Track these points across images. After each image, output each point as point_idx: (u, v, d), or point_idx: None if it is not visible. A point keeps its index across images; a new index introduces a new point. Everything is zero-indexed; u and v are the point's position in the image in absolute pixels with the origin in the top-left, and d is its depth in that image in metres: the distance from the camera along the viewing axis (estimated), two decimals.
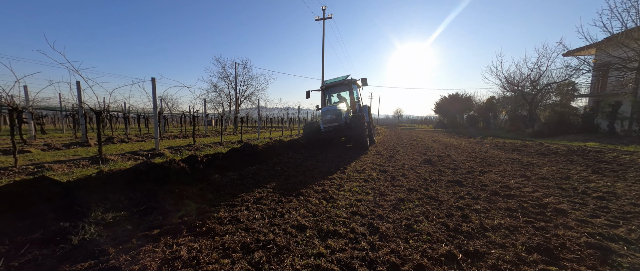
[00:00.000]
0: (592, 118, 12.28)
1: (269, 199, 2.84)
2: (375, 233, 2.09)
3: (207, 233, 1.92)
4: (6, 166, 4.27)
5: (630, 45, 8.56)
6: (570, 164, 5.53)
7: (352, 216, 2.44)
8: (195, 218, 2.19)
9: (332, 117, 7.81)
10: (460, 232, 2.15)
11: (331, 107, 7.99)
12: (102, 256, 1.62)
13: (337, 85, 9.18)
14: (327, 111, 7.97)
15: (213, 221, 2.14)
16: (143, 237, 1.83)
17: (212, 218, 2.22)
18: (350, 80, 8.84)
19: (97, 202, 2.37)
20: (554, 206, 2.82)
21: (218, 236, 1.88)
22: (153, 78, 6.41)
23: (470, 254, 1.79)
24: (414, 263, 1.64)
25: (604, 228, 2.25)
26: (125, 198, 2.60)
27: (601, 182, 3.92)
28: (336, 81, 9.11)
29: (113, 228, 2.06)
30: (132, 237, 1.88)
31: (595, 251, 1.84)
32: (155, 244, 1.74)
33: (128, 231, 2.00)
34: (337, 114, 7.81)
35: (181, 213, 2.33)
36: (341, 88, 9.57)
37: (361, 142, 7.43)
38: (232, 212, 2.37)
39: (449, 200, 3.01)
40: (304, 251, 1.73)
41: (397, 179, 4.07)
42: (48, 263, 1.59)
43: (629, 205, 2.85)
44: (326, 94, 9.89)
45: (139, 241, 1.80)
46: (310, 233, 2.03)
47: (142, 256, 1.63)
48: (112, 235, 1.94)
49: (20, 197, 2.08)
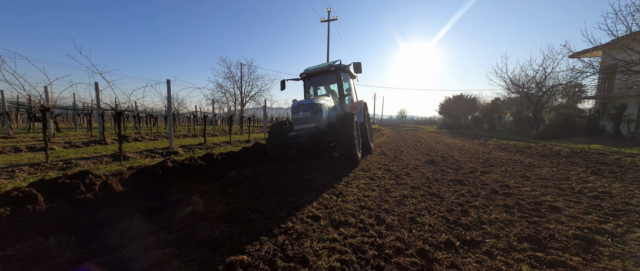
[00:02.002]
0: (597, 120, 12.29)
1: (284, 193, 3.10)
2: (382, 223, 2.33)
3: (235, 220, 2.19)
4: (38, 162, 4.62)
5: (635, 48, 8.62)
6: (571, 165, 5.67)
7: (361, 209, 2.69)
8: (222, 208, 2.46)
9: (306, 116, 5.43)
10: (459, 224, 2.37)
11: (306, 101, 5.63)
12: (151, 239, 1.90)
13: (322, 72, 6.84)
14: (299, 106, 5.54)
15: (238, 211, 2.41)
16: (182, 223, 2.11)
17: (236, 208, 2.49)
18: (339, 65, 6.43)
19: (131, 194, 2.66)
20: (549, 204, 3.02)
21: (244, 223, 2.15)
22: (168, 81, 6.74)
23: (467, 242, 2.02)
24: (417, 248, 1.88)
25: (593, 223, 2.45)
26: (154, 191, 2.89)
27: (598, 183, 4.09)
28: (320, 67, 6.80)
29: (152, 216, 2.34)
30: (172, 223, 2.15)
31: (580, 242, 2.05)
32: (194, 228, 2.02)
33: (166, 218, 2.28)
34: (313, 111, 5.41)
35: (209, 204, 2.61)
36: (328, 77, 7.13)
37: (347, 152, 5.01)
38: (254, 204, 2.64)
39: (450, 197, 3.23)
40: (320, 237, 1.98)
41: (401, 178, 4.30)
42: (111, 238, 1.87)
43: (621, 204, 3.03)
44: (309, 86, 7.43)
45: (180, 226, 2.08)
46: (324, 222, 2.28)
47: (186, 237, 1.90)
48: (152, 223, 2.22)
49: (71, 187, 2.38)
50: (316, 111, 5.47)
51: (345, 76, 7.14)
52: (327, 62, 6.94)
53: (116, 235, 1.91)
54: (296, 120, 5.60)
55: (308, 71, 6.91)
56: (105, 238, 1.87)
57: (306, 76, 7.00)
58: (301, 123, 5.54)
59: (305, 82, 7.28)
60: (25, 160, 4.94)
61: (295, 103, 5.76)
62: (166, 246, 1.73)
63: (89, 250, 1.71)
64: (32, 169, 4.10)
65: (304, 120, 5.49)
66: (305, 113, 5.47)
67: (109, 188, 2.56)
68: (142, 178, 3.07)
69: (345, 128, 4.99)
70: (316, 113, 5.46)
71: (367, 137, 7.23)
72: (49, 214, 2.10)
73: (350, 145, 4.95)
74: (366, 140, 7.08)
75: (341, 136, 4.96)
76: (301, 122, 5.54)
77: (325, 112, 5.85)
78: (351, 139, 4.95)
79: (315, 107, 5.47)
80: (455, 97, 34.45)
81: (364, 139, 6.93)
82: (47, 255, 1.62)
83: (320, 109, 5.62)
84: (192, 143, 9.16)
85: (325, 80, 7.33)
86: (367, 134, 7.15)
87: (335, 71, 6.52)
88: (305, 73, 6.93)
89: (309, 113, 5.45)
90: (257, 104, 35.40)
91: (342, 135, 4.95)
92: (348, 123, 5.07)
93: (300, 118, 5.52)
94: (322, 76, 7.08)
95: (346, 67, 6.74)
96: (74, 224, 2.06)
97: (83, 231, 1.96)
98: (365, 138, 7.00)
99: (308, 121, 5.46)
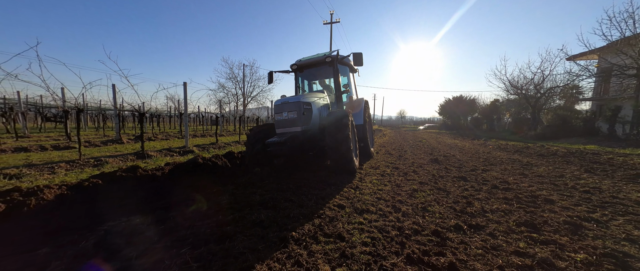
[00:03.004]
0: (593, 121, 12.69)
1: (307, 187, 3.46)
2: (398, 211, 2.68)
3: (274, 207, 2.55)
4: (70, 159, 4.95)
5: (628, 53, 9.01)
6: (566, 164, 6.04)
7: (378, 200, 3.04)
8: (259, 198, 2.82)
9: (291, 117, 4.45)
10: (465, 213, 2.72)
11: (291, 98, 4.62)
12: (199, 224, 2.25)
13: (316, 64, 5.84)
14: (282, 105, 4.55)
15: (273, 201, 2.76)
16: (230, 208, 2.47)
17: (271, 198, 2.85)
18: (336, 56, 5.48)
19: (175, 186, 3.01)
20: (544, 197, 3.37)
21: (282, 210, 2.50)
22: (185, 83, 7.09)
23: (472, 226, 2.38)
24: (431, 229, 2.23)
25: (582, 213, 2.80)
26: (191, 184, 3.23)
27: (590, 180, 4.45)
28: (315, 58, 5.81)
29: (201, 204, 2.69)
30: (222, 209, 2.50)
31: (569, 226, 2.41)
32: (242, 213, 2.37)
33: (215, 205, 2.63)
34: (300, 111, 4.41)
35: (245, 195, 2.96)
36: (324, 70, 6.12)
37: (340, 159, 4.14)
38: (284, 195, 2.99)
39: (455, 191, 3.59)
40: (349, 220, 2.34)
41: (409, 175, 4.65)
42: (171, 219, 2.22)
43: (609, 198, 3.39)
44: (303, 81, 6.50)
45: (230, 211, 2.43)
46: (348, 210, 2.63)
47: (239, 218, 2.25)
48: (206, 208, 2.56)
49: (126, 179, 2.72)
50: (304, 111, 4.44)
51: (344, 70, 6.30)
52: (323, 53, 5.84)
53: (182, 217, 2.26)
54: (279, 122, 4.54)
55: (300, 62, 5.90)
56: (175, 219, 2.22)
57: (298, 68, 5.95)
58: (285, 126, 4.47)
59: (297, 75, 6.24)
60: (56, 157, 5.27)
61: (279, 100, 4.69)
62: (227, 225, 2.09)
63: (169, 226, 2.07)
64: (68, 166, 4.43)
65: (289, 123, 4.44)
66: (290, 114, 4.41)
67: (157, 180, 2.91)
68: (179, 173, 3.41)
69: (339, 129, 4.10)
70: (304, 114, 4.43)
71: (367, 141, 6.19)
72: (121, 199, 2.46)
73: (344, 150, 4.02)
74: (366, 145, 6.12)
75: (333, 140, 4.04)
76: (285, 125, 4.47)
77: (316, 111, 4.85)
78: (345, 143, 4.03)
79: (302, 106, 4.43)
80: (455, 98, 34.88)
81: (363, 143, 5.97)
82: (147, 227, 1.99)
83: (310, 109, 4.64)
84: (204, 142, 9.50)
85: (321, 73, 6.31)
86: (367, 138, 6.14)
87: (331, 62, 5.50)
88: (297, 65, 5.88)
89: (295, 114, 4.40)
90: (260, 104, 35.78)
91: (335, 139, 4.03)
92: (342, 123, 4.16)
93: (284, 120, 4.47)
94: (317, 69, 6.06)
95: (345, 58, 5.85)
96: (144, 207, 2.42)
97: (154, 212, 2.33)
98: (364, 143, 6.01)
99: (293, 123, 4.42)
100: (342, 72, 6.24)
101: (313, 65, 5.93)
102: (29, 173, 3.87)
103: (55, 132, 13.38)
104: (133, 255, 1.68)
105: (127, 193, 2.55)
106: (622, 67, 9.04)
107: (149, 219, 2.22)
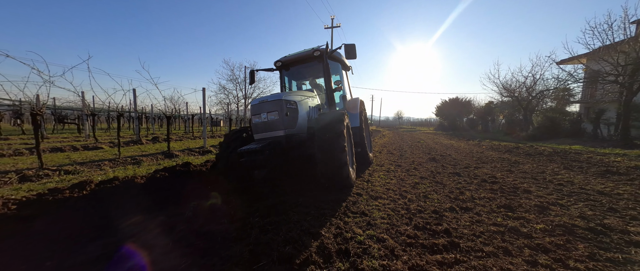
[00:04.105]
0: (579, 123, 13.54)
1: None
2: (405, 198, 3.34)
3: (309, 193, 3.20)
4: (109, 158, 5.54)
5: (608, 60, 9.83)
6: (549, 162, 6.76)
7: (387, 190, 3.70)
8: (289, 189, 3.46)
9: (271, 119, 3.72)
10: (457, 199, 3.39)
11: (271, 96, 3.85)
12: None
13: (303, 59, 5.19)
14: (260, 104, 3.81)
15: (303, 189, 3.40)
16: (272, 194, 3.11)
17: (303, 188, 3.49)
18: (325, 49, 4.88)
19: (220, 179, 3.64)
20: (524, 188, 4.06)
21: (312, 195, 3.15)
22: (203, 88, 7.70)
23: (463, 208, 3.04)
24: (431, 210, 2.89)
25: (551, 199, 3.48)
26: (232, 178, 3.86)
27: (567, 175, 5.16)
28: (301, 54, 5.17)
29: (246, 193, 3.32)
30: (271, 196, 3.14)
31: (538, 208, 3.08)
32: (284, 197, 3.02)
33: (259, 193, 3.26)
34: (282, 111, 3.70)
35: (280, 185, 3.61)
36: (314, 68, 5.48)
37: (333, 171, 3.33)
38: (308, 187, 3.64)
39: (450, 184, 4.26)
40: (367, 204, 3.00)
41: (411, 171, 5.32)
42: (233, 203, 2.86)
43: (577, 189, 4.08)
44: (290, 80, 5.87)
45: (275, 196, 3.07)
46: (365, 197, 3.29)
47: (284, 202, 2.89)
48: (254, 197, 3.20)
49: (182, 173, 3.35)
50: (287, 111, 3.70)
51: (336, 67, 5.66)
52: (311, 48, 5.09)
53: (233, 205, 2.89)
54: (257, 125, 3.78)
55: (285, 58, 5.24)
56: (225, 206, 2.86)
57: (282, 65, 5.27)
58: (264, 130, 3.73)
59: (283, 74, 5.56)
60: (93, 156, 5.85)
61: (257, 99, 3.94)
62: (279, 204, 2.73)
63: (237, 204, 2.73)
64: (111, 164, 5.02)
65: (269, 126, 3.69)
66: (270, 115, 3.65)
67: (204, 174, 3.52)
68: (215, 170, 4.04)
69: (331, 136, 3.30)
70: (287, 115, 3.69)
71: (365, 146, 5.47)
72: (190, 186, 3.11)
73: (338, 165, 3.25)
74: (364, 150, 5.43)
75: (324, 149, 3.26)
76: (264, 129, 3.73)
77: (303, 112, 4.17)
78: (339, 154, 3.23)
79: (285, 105, 3.69)
80: (451, 100, 35.82)
81: (360, 149, 5.25)
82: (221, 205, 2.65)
83: (295, 108, 3.94)
84: (214, 143, 10.08)
85: (310, 71, 5.65)
86: (364, 142, 5.40)
87: (320, 57, 4.85)
88: (281, 62, 5.22)
89: (276, 115, 3.63)
90: None
91: (326, 148, 3.25)
92: (335, 129, 3.36)
93: (262, 123, 3.71)
94: (305, 66, 5.39)
95: (335, 52, 5.17)
96: (202, 194, 3.06)
97: (225, 194, 2.99)
98: (362, 148, 5.31)
99: (274, 127, 3.67)
100: (334, 70, 5.64)
101: (300, 61, 5.24)
102: (83, 170, 4.47)
103: (66, 132, 13.84)
104: (224, 221, 2.38)
105: (185, 183, 3.16)
106: (602, 74, 9.85)
107: (220, 200, 2.90)
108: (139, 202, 2.78)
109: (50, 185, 3.59)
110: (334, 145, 3.25)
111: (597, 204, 3.24)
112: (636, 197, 3.52)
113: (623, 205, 3.17)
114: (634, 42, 8.80)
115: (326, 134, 3.34)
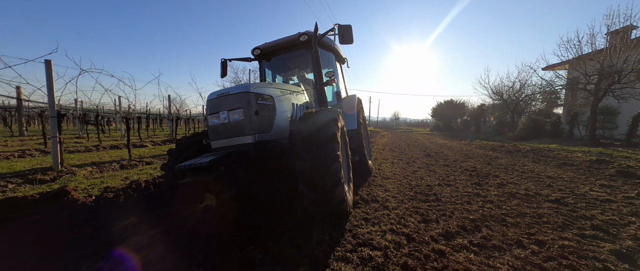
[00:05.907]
0: (559, 125, 15.12)
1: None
2: (407, 179, 4.72)
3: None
4: (158, 154, 6.81)
5: (579, 70, 11.37)
6: (523, 158, 8.19)
7: (394, 174, 5.08)
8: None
9: (235, 120, 2.61)
10: (444, 180, 4.76)
11: (233, 89, 2.67)
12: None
13: (287, 47, 4.33)
14: (219, 99, 2.66)
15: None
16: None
17: None
18: (314, 33, 3.84)
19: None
20: (494, 174, 5.45)
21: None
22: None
23: (447, 184, 4.42)
24: (425, 185, 4.27)
25: (511, 180, 4.86)
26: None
27: (532, 166, 6.56)
28: (285, 40, 4.23)
29: None
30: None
31: (498, 185, 4.46)
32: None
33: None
34: (250, 108, 2.59)
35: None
36: (301, 58, 4.62)
37: (327, 200, 2.37)
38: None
39: (440, 172, 5.64)
40: (378, 183, 4.35)
41: (410, 163, 6.70)
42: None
43: (534, 175, 5.47)
44: (273, 73, 4.94)
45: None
46: (379, 178, 4.66)
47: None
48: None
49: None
50: (258, 108, 2.67)
51: (328, 57, 4.69)
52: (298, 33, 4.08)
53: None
54: (215, 129, 2.73)
55: (265, 47, 4.32)
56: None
57: (261, 54, 4.40)
58: (224, 135, 2.69)
59: (263, 66, 4.66)
60: (143, 153, 7.10)
61: (214, 93, 2.77)
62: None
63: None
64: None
65: (230, 130, 2.65)
66: (232, 115, 2.63)
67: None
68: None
69: (320, 136, 2.41)
70: (257, 114, 2.66)
71: (363, 152, 4.53)
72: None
73: (328, 175, 2.31)
74: (362, 157, 4.53)
75: (308, 156, 2.33)
76: (224, 134, 2.69)
77: (283, 111, 3.14)
78: (329, 162, 2.30)
79: (254, 99, 2.66)
80: (446, 102, 37.46)
81: (357, 157, 4.45)
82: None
83: (271, 105, 2.92)
84: None
85: (297, 62, 4.76)
86: (363, 148, 4.51)
87: (308, 43, 4.01)
88: (260, 49, 4.32)
89: (241, 114, 2.61)
90: None
91: (311, 154, 2.33)
92: (326, 130, 2.46)
93: (221, 125, 2.68)
94: (290, 55, 4.47)
95: (326, 36, 4.08)
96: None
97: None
98: (359, 155, 4.46)
99: (238, 131, 2.63)
100: (327, 62, 4.67)
101: (283, 49, 4.32)
102: (154, 161, 5.74)
103: (92, 133, 14.99)
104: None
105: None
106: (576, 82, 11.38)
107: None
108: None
109: (149, 171, 4.89)
110: (323, 154, 2.30)
111: (541, 183, 4.64)
112: (572, 178, 4.93)
113: (560, 183, 4.57)
114: (598, 54, 10.33)
115: (313, 139, 2.37)
